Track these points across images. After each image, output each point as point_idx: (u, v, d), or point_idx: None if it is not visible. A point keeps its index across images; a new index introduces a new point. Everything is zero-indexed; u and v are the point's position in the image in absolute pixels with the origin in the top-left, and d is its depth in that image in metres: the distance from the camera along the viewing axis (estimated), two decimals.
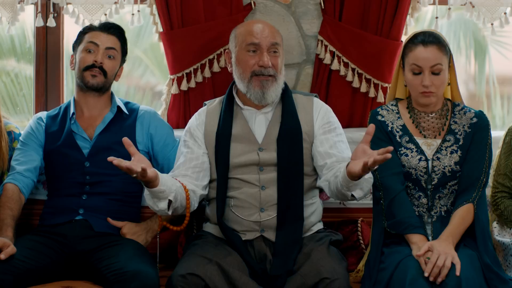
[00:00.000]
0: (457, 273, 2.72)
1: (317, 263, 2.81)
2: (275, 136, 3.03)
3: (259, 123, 3.07)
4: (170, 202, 2.82)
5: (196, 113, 3.19)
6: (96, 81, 3.26)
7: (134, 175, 2.65)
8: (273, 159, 3.02)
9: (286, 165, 3.00)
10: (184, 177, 3.00)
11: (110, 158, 2.62)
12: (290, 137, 3.02)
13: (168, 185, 2.80)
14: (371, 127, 2.65)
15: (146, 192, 2.82)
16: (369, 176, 2.77)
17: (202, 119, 3.13)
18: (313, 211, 3.11)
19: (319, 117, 3.10)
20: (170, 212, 2.86)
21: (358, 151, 2.66)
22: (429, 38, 2.95)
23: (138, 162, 2.67)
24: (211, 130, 3.09)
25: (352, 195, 2.78)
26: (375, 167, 2.59)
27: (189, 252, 2.95)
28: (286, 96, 3.10)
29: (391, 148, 2.53)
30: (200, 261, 2.83)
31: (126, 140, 2.71)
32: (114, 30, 3.31)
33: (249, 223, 3.02)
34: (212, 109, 3.15)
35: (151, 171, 2.69)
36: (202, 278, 2.77)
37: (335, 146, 3.02)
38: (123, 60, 3.37)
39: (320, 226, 3.15)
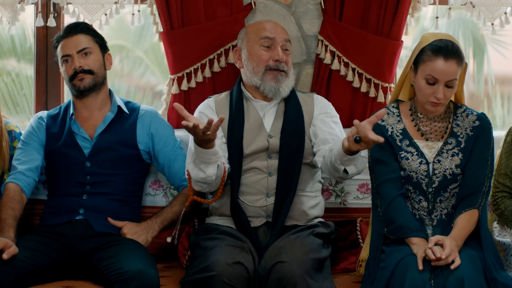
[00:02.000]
0: (452, 267, 2.72)
1: (280, 248, 2.84)
2: (280, 125, 3.11)
3: (268, 115, 3.15)
4: (218, 166, 2.86)
5: (204, 104, 3.22)
6: (87, 82, 3.26)
7: (208, 133, 2.67)
8: (278, 146, 3.08)
9: (287, 152, 3.07)
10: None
11: None
12: (293, 125, 3.09)
13: (219, 152, 2.85)
14: (382, 112, 2.67)
15: (191, 159, 2.85)
16: (364, 154, 2.85)
17: (212, 107, 3.18)
18: (315, 203, 3.15)
19: (318, 107, 3.20)
20: (214, 179, 2.87)
21: (358, 128, 2.64)
22: (451, 51, 2.88)
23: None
24: (224, 121, 3.08)
25: (345, 170, 2.82)
26: (364, 146, 2.63)
27: (215, 242, 2.92)
28: (292, 91, 3.19)
29: (381, 139, 2.59)
30: (238, 250, 2.85)
31: (177, 105, 2.70)
32: (76, 28, 3.30)
33: (256, 209, 3.06)
34: (220, 101, 3.21)
35: (209, 122, 2.71)
36: (246, 267, 2.79)
37: (331, 127, 3.11)
38: (104, 49, 3.35)
39: (320, 219, 3.17)
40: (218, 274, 2.74)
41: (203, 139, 2.74)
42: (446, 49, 2.88)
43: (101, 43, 3.34)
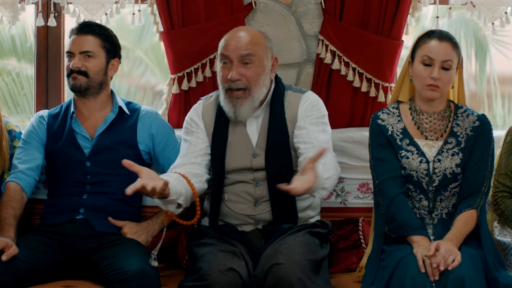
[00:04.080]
0: (449, 268, 2.73)
1: (276, 250, 2.82)
2: (265, 144, 3.03)
3: (251, 127, 3.07)
4: (179, 204, 2.83)
5: (193, 109, 3.17)
6: (78, 82, 3.24)
7: (155, 197, 2.66)
8: (264, 165, 3.04)
9: (274, 173, 3.01)
10: (193, 164, 3.01)
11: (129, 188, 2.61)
12: (277, 145, 3.00)
13: (177, 191, 2.79)
14: (323, 150, 2.62)
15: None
16: (328, 175, 2.73)
17: (199, 114, 3.13)
18: (309, 204, 3.12)
19: (300, 111, 3.06)
20: (178, 212, 2.86)
21: (302, 170, 2.62)
22: (445, 35, 3.00)
23: (145, 178, 2.65)
24: (208, 130, 3.10)
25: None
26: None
27: (207, 249, 2.90)
28: (277, 98, 3.07)
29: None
30: (230, 256, 2.83)
31: (126, 162, 2.68)
32: (88, 28, 3.28)
33: (243, 217, 3.03)
34: (208, 106, 3.13)
35: (165, 184, 2.67)
36: (240, 273, 2.77)
37: (307, 133, 2.98)
38: (111, 55, 3.31)
39: (317, 218, 3.15)
40: (212, 283, 2.72)
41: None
42: (440, 33, 3.00)
43: (109, 48, 3.30)
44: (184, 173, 2.90)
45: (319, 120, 3.04)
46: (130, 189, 2.60)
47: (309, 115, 3.04)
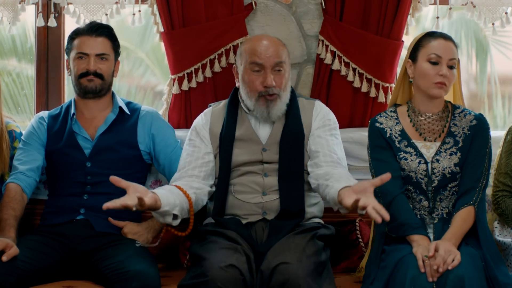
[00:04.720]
0: (449, 267, 2.73)
1: (284, 249, 2.84)
2: (279, 137, 3.09)
3: (263, 127, 3.13)
4: (175, 215, 2.86)
5: (201, 113, 3.24)
6: (94, 84, 3.25)
7: (134, 209, 2.65)
8: (275, 158, 3.08)
9: (287, 165, 3.05)
10: (190, 177, 3.05)
11: (106, 205, 2.59)
12: (292, 138, 3.07)
13: (170, 202, 2.82)
14: (387, 176, 2.63)
15: None
16: None
17: (208, 119, 3.19)
18: (315, 202, 3.15)
19: (317, 118, 3.16)
20: (177, 223, 2.89)
21: (360, 188, 2.66)
22: (447, 35, 3.04)
23: (132, 194, 2.66)
24: (216, 131, 3.14)
25: (338, 210, 2.87)
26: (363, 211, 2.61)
27: (209, 246, 2.91)
28: (292, 100, 3.15)
29: (386, 216, 2.54)
30: (231, 253, 2.83)
31: (113, 178, 2.67)
32: (101, 30, 3.28)
33: (251, 206, 3.05)
34: (217, 111, 3.21)
35: (149, 198, 2.70)
36: (240, 269, 2.77)
37: (327, 144, 3.08)
38: (117, 56, 3.35)
39: (320, 221, 3.16)
40: (212, 279, 2.72)
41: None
42: (441, 33, 3.04)
43: (117, 50, 3.33)
44: (181, 185, 2.95)
45: (335, 132, 3.15)
46: (107, 205, 2.59)
47: (327, 124, 3.14)
